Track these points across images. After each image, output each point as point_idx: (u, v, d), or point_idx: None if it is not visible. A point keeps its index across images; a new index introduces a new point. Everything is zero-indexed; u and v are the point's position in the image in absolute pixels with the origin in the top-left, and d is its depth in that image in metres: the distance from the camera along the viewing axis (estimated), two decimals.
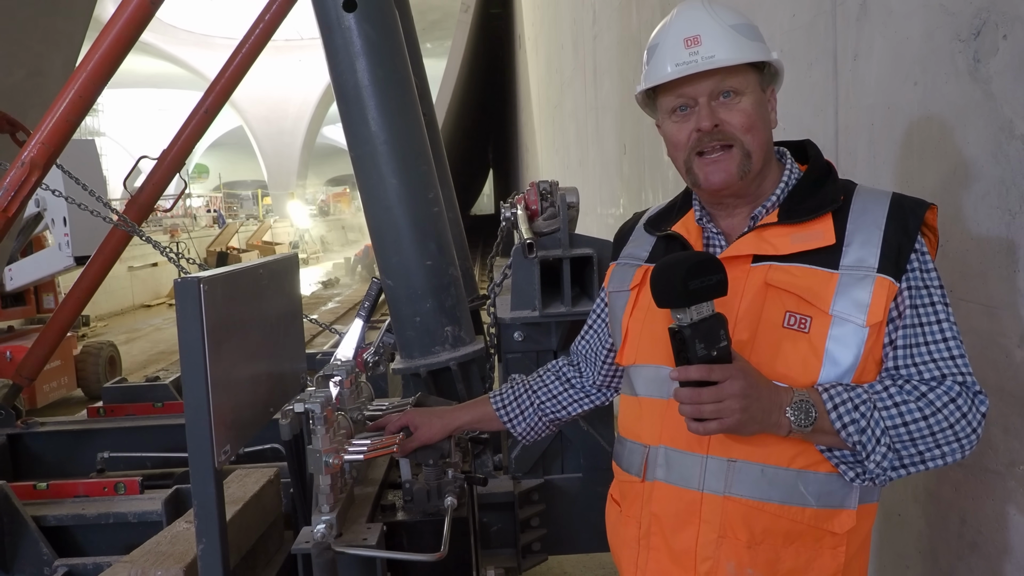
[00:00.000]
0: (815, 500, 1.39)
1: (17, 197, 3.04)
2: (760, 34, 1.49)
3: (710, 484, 1.43)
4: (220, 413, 1.59)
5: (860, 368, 1.38)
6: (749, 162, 1.45)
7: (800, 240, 1.42)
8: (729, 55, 1.42)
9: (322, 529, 1.64)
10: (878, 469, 1.34)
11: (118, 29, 3.02)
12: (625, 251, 1.72)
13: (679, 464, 1.47)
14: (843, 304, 1.37)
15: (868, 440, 1.33)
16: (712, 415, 1.31)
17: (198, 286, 1.55)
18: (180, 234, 21.69)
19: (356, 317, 2.87)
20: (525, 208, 2.76)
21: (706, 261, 1.31)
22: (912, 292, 1.39)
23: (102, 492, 2.92)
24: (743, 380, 1.30)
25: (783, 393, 1.34)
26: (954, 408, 1.33)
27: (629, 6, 5.74)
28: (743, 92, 1.44)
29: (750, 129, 1.44)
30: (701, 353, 1.29)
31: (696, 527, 1.44)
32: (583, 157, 8.83)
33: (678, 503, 1.46)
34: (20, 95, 4.59)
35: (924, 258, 1.41)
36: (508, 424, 1.91)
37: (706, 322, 1.29)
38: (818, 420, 1.33)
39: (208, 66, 35.79)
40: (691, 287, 1.27)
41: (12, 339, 8.71)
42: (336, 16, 2.64)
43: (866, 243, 1.39)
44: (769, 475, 1.39)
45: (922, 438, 1.33)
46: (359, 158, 2.72)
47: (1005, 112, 1.60)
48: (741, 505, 1.40)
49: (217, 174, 53.44)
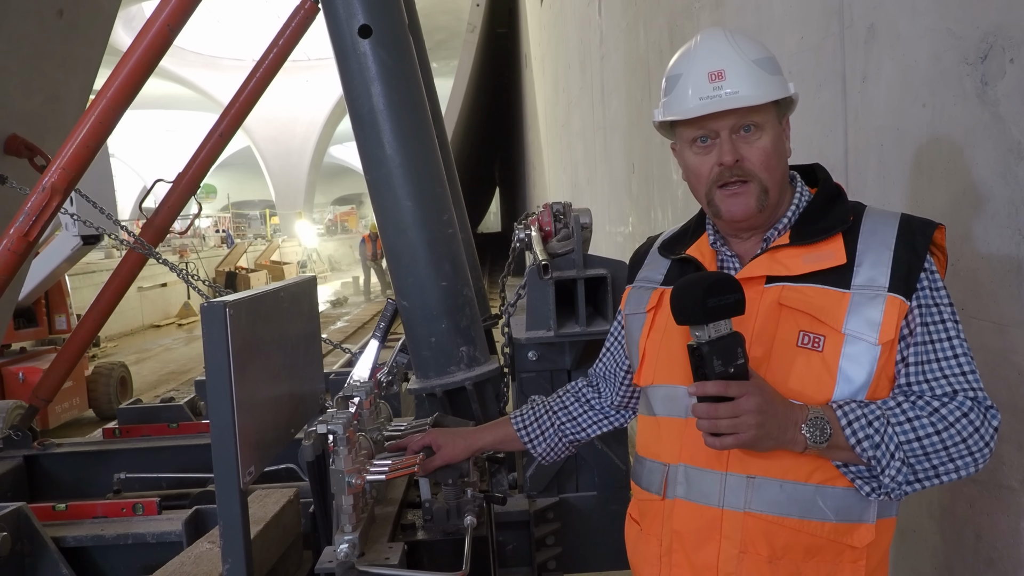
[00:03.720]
0: (834, 514, 1.41)
1: (39, 222, 3.09)
2: (779, 66, 1.53)
3: (730, 500, 1.45)
4: (245, 434, 1.62)
5: (874, 385, 1.41)
6: (766, 197, 1.51)
7: (812, 260, 1.46)
8: (753, 92, 1.47)
9: (345, 549, 1.66)
10: (893, 484, 1.37)
11: (137, 56, 3.07)
12: (641, 274, 1.76)
13: (699, 481, 1.50)
14: (855, 323, 1.40)
15: (883, 455, 1.36)
16: (729, 430, 1.34)
17: (224, 310, 1.58)
18: (189, 254, 21.80)
19: (371, 338, 2.90)
20: (539, 229, 2.79)
21: (724, 280, 1.36)
22: (923, 310, 1.42)
23: (120, 513, 2.93)
24: (759, 396, 1.33)
25: (798, 410, 1.37)
26: (967, 423, 1.35)
27: (637, 27, 5.80)
28: (763, 127, 1.48)
29: (768, 166, 1.49)
30: (719, 369, 1.34)
31: (717, 543, 1.46)
32: (591, 176, 8.88)
33: (699, 520, 1.49)
34: (38, 120, 4.65)
35: (933, 276, 1.44)
36: (529, 445, 1.95)
37: (724, 340, 1.34)
38: (833, 436, 1.36)
39: (216, 87, 36.09)
40: (710, 304, 1.32)
41: (25, 360, 8.74)
42: (351, 42, 2.69)
43: (876, 263, 1.43)
44: (788, 491, 1.42)
45: (935, 452, 1.36)
46: (374, 181, 2.76)
47: (1013, 134, 1.63)
48: (761, 521, 1.43)
49: (225, 194, 53.68)
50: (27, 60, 4.49)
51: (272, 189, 45.15)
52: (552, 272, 2.62)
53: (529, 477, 2.79)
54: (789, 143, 1.57)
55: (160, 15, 3.07)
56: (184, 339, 17.59)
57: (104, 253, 19.73)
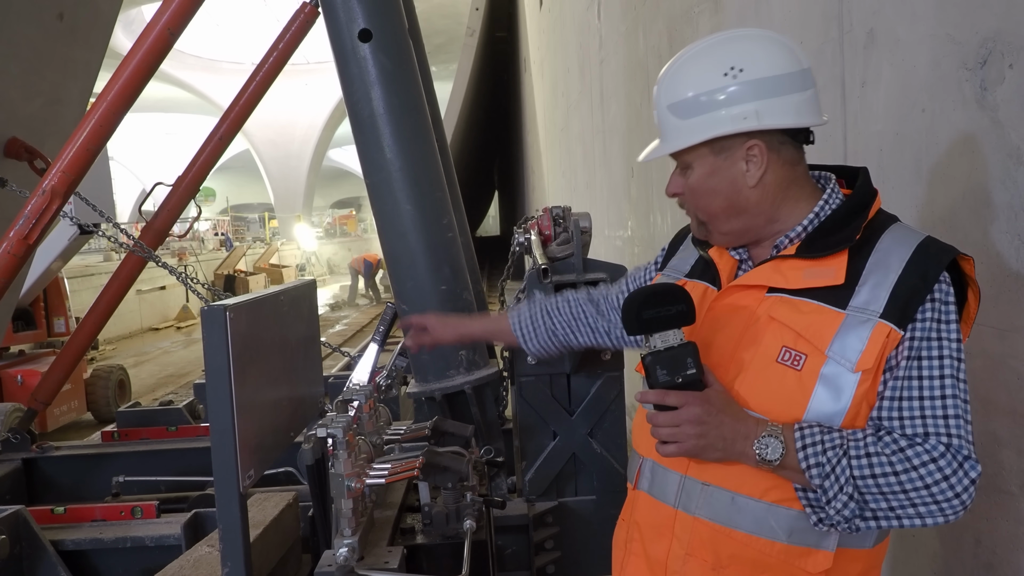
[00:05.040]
0: (785, 536, 1.38)
1: (38, 225, 3.09)
2: (707, 102, 1.41)
3: (684, 503, 1.47)
4: (245, 437, 1.62)
5: (852, 414, 1.35)
6: (706, 227, 1.52)
7: (812, 276, 1.41)
8: (665, 143, 1.49)
9: (345, 552, 1.67)
10: (838, 516, 1.32)
11: (138, 60, 3.08)
12: (673, 261, 1.75)
13: (661, 479, 1.52)
14: (839, 346, 1.34)
15: (831, 486, 1.31)
16: (668, 438, 1.37)
17: (224, 313, 1.58)
18: (188, 257, 21.80)
19: (371, 341, 2.91)
20: (539, 233, 2.79)
21: (665, 292, 1.38)
22: (916, 342, 1.33)
23: (119, 516, 2.94)
24: (700, 407, 1.34)
25: (753, 424, 1.35)
26: (934, 468, 1.27)
27: (636, 32, 5.81)
28: (691, 165, 1.48)
29: (697, 204, 1.50)
30: (663, 379, 1.37)
31: (669, 541, 1.48)
32: (590, 180, 8.88)
33: (656, 516, 1.52)
34: (38, 123, 4.66)
35: (944, 309, 1.34)
36: (520, 340, 1.99)
37: (672, 350, 1.36)
38: (786, 456, 1.32)
39: (215, 91, 36.12)
40: (644, 316, 1.37)
41: (23, 363, 8.74)
42: (352, 46, 2.70)
43: (878, 285, 1.36)
44: (739, 504, 1.41)
45: (893, 494, 1.30)
46: (374, 185, 2.76)
47: (1013, 139, 1.63)
48: (709, 528, 1.43)
49: (224, 197, 53.66)
50: (27, 63, 4.49)
51: (271, 192, 45.14)
52: (552, 276, 2.62)
53: (528, 481, 2.80)
54: (755, 166, 1.43)
55: (160, 19, 3.08)
56: (182, 342, 17.58)
57: (103, 256, 19.73)
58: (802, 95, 1.41)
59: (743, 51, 1.42)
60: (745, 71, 1.39)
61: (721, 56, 1.42)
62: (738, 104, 1.39)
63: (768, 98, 1.39)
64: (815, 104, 1.45)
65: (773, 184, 1.45)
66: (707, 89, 1.41)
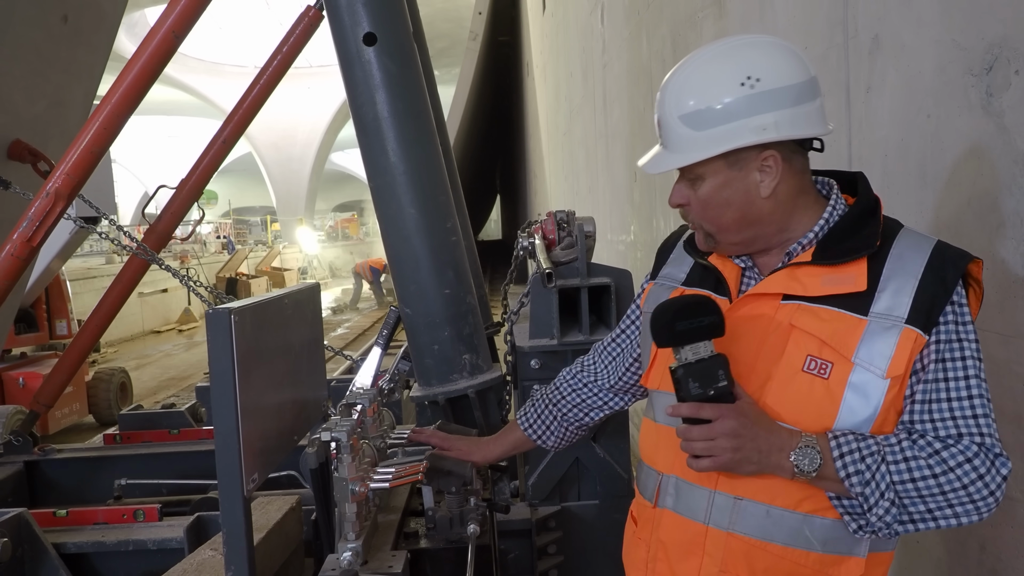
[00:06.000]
0: (821, 545, 1.38)
1: (42, 227, 3.09)
2: (727, 112, 1.38)
3: (715, 519, 1.44)
4: (249, 441, 1.62)
5: (880, 419, 1.36)
6: (714, 239, 1.50)
7: (831, 283, 1.40)
8: (673, 155, 1.45)
9: (348, 557, 1.67)
10: (880, 523, 1.33)
11: (142, 63, 3.08)
12: (664, 270, 1.72)
13: (688, 496, 1.49)
14: (866, 353, 1.34)
15: (872, 493, 1.31)
16: (703, 452, 1.35)
17: (229, 317, 1.58)
18: (190, 260, 21.81)
19: (374, 345, 2.91)
20: (543, 237, 2.79)
21: (696, 304, 1.36)
22: (941, 346, 1.34)
23: (121, 519, 2.93)
24: (735, 420, 1.33)
25: (788, 436, 1.35)
26: (969, 468, 1.29)
27: (639, 37, 5.82)
28: (703, 177, 1.45)
29: (706, 216, 1.48)
30: (695, 392, 1.35)
31: (699, 559, 1.46)
32: (593, 184, 8.88)
33: (684, 534, 1.48)
34: (42, 125, 4.66)
35: (961, 311, 1.36)
36: (539, 441, 1.98)
37: (703, 362, 1.35)
38: (823, 467, 1.32)
39: (218, 94, 36.22)
40: (678, 328, 1.35)
41: (25, 365, 8.75)
42: (356, 50, 2.70)
43: (899, 291, 1.36)
44: (775, 516, 1.40)
45: (932, 496, 1.31)
46: (378, 188, 2.76)
47: (1019, 145, 1.63)
48: (744, 543, 1.41)
49: (226, 200, 53.74)
50: (31, 65, 4.50)
51: (273, 195, 45.22)
52: (556, 280, 2.62)
53: (531, 486, 2.79)
54: (771, 179, 1.42)
55: (165, 22, 3.08)
56: (184, 345, 17.58)
57: (105, 259, 19.73)
58: (813, 104, 1.41)
59: (757, 60, 1.39)
60: (763, 81, 1.37)
61: (734, 65, 1.39)
62: (758, 115, 1.37)
63: (785, 108, 1.38)
64: (823, 112, 1.45)
65: (785, 193, 1.44)
66: (723, 100, 1.39)
